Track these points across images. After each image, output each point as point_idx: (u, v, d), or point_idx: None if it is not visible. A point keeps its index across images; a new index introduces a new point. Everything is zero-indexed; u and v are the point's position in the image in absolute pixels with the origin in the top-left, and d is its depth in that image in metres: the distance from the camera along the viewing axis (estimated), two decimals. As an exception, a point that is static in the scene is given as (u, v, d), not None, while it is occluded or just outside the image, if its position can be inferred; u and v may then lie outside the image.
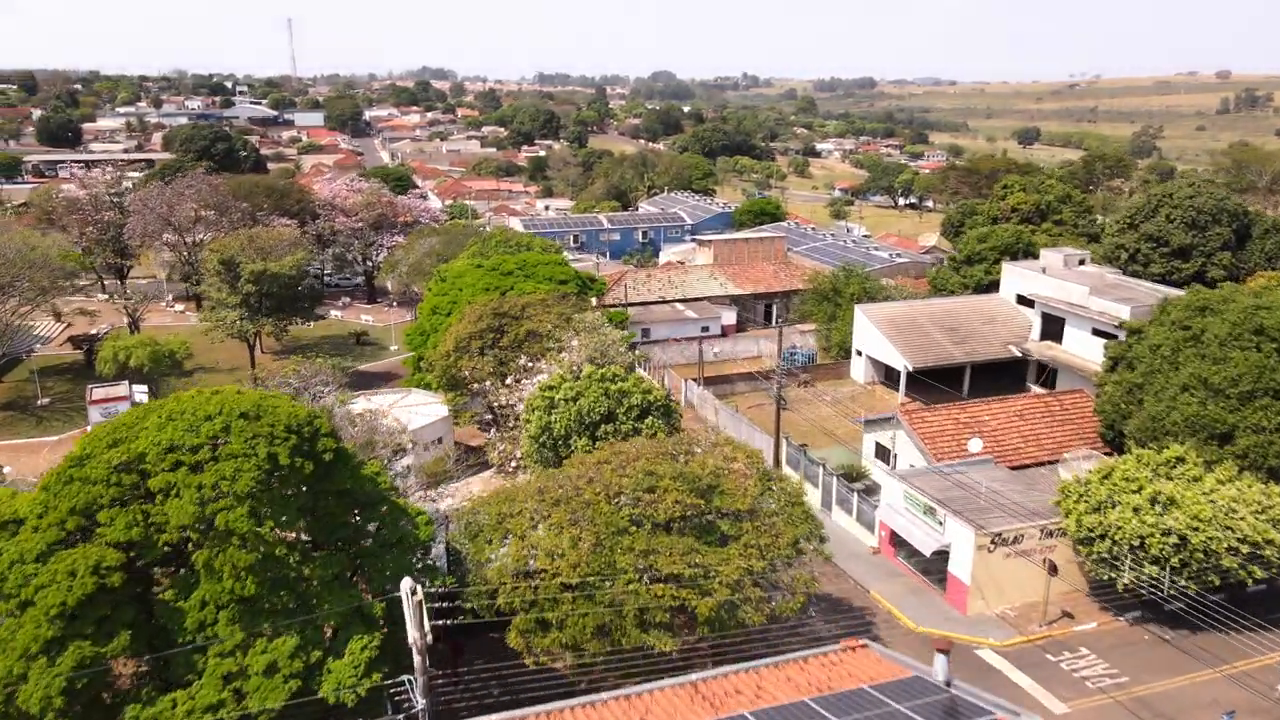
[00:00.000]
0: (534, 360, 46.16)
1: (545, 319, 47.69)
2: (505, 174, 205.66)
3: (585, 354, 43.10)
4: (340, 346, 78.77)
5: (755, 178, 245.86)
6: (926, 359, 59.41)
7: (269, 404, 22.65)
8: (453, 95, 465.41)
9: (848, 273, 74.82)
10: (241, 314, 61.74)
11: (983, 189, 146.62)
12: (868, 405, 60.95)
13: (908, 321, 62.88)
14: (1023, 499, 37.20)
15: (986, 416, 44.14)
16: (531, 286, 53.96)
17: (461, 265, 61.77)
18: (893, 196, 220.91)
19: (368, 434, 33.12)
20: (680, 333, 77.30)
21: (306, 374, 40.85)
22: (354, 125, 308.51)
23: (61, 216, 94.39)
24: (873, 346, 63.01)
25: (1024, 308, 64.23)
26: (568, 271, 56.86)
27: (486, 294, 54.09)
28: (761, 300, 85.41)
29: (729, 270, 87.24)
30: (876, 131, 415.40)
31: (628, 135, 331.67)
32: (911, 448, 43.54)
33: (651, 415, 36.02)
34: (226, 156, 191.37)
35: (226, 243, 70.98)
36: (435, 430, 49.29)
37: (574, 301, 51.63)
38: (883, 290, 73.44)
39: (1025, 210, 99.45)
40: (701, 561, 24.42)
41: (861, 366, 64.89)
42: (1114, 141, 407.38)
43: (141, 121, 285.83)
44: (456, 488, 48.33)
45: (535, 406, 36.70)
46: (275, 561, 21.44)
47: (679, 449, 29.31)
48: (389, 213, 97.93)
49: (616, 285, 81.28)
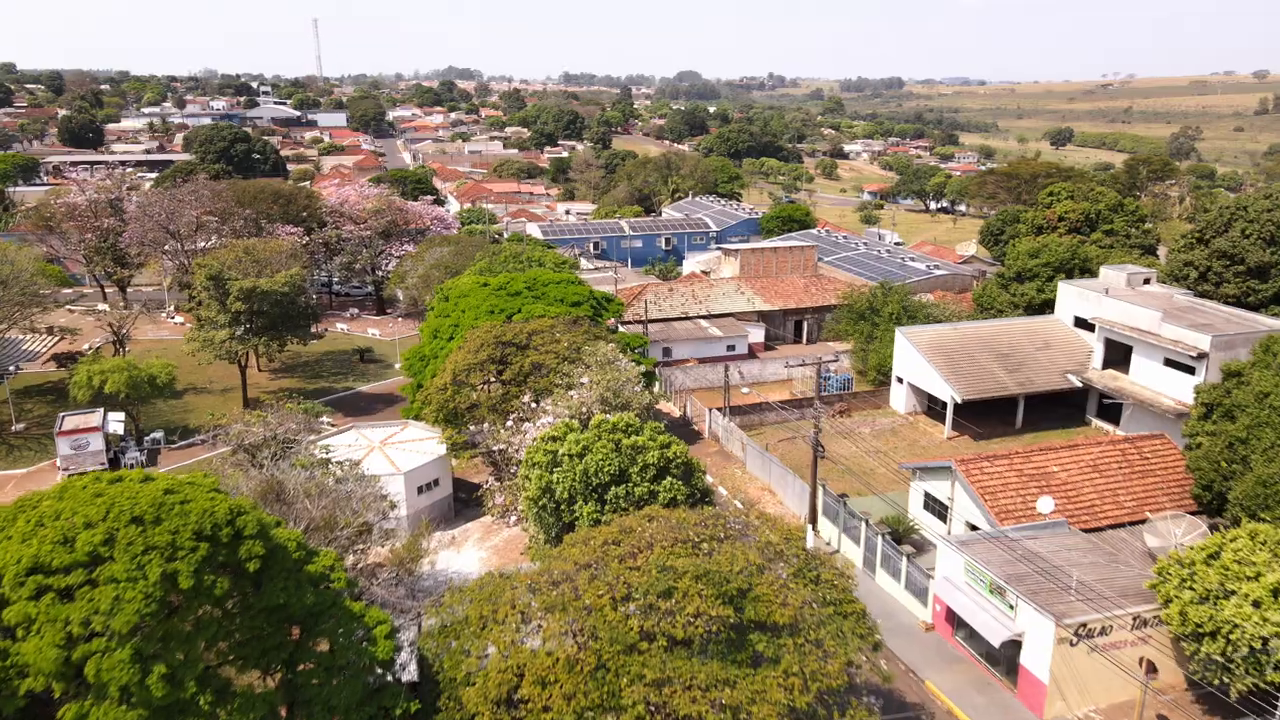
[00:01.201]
0: (539, 398, 41.09)
1: (553, 349, 42.60)
2: (527, 176, 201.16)
3: (597, 393, 37.99)
4: (342, 364, 74.18)
5: (782, 180, 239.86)
6: (977, 389, 53.74)
7: (175, 501, 17.63)
8: (477, 95, 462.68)
9: (886, 289, 69.14)
10: (231, 333, 57.17)
11: (1022, 194, 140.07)
12: (910, 439, 55.39)
13: (955, 346, 57.21)
14: (1107, 574, 31.62)
15: (1055, 468, 38.52)
16: (541, 309, 48.92)
17: (467, 282, 56.84)
18: (924, 200, 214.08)
19: (331, 506, 27.92)
20: (704, 352, 72.02)
21: (274, 423, 35.85)
22: (377, 126, 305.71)
23: (60, 223, 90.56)
24: (916, 374, 57.40)
25: (1083, 332, 58.40)
26: (581, 292, 51.76)
27: (491, 317, 49.11)
28: (791, 316, 79.89)
29: (757, 284, 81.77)
30: (906, 133, 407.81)
31: (652, 136, 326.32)
32: (969, 503, 38.03)
33: (670, 476, 30.77)
34: (245, 157, 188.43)
35: (219, 255, 66.57)
36: (430, 471, 44.35)
37: (586, 328, 46.48)
38: (924, 309, 67.73)
39: (1073, 219, 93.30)
40: (729, 700, 19.16)
41: (902, 395, 59.28)
42: (1149, 142, 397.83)
43: (164, 122, 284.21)
44: (452, 535, 43.41)
45: (535, 462, 31.58)
46: (175, 710, 16.43)
47: (702, 533, 24.04)
48: (399, 220, 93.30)
49: (636, 300, 76.10)
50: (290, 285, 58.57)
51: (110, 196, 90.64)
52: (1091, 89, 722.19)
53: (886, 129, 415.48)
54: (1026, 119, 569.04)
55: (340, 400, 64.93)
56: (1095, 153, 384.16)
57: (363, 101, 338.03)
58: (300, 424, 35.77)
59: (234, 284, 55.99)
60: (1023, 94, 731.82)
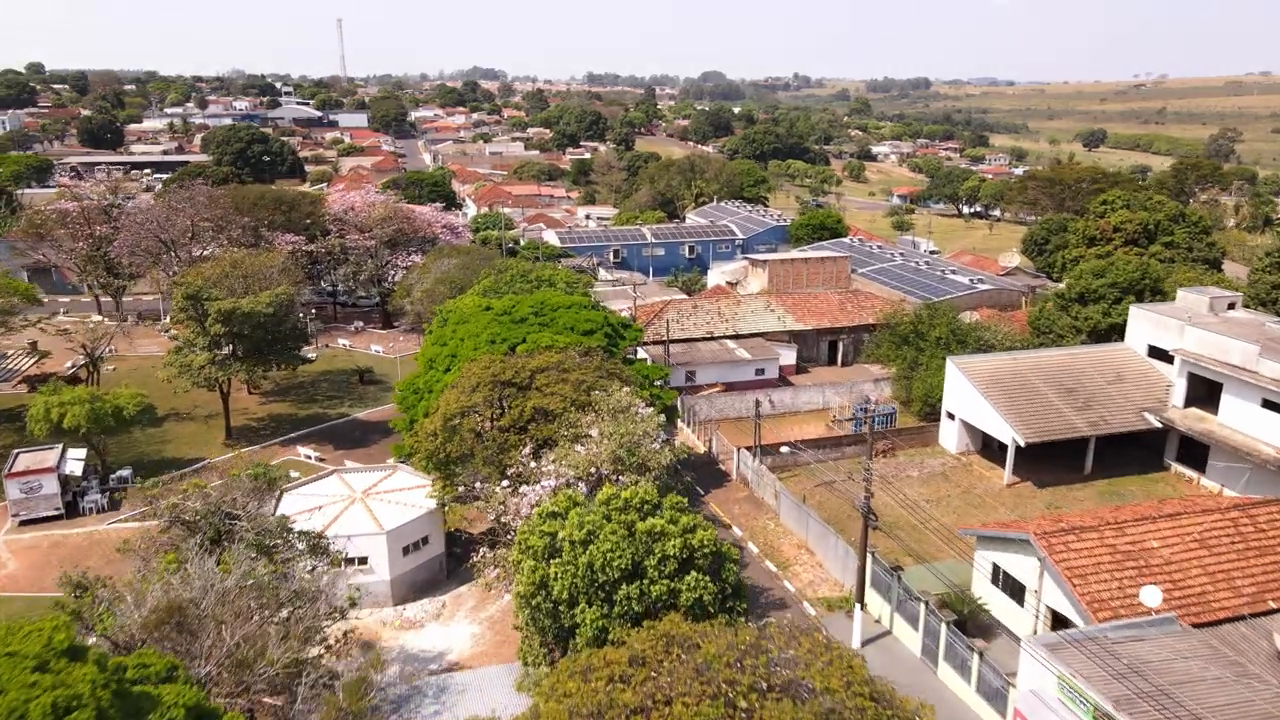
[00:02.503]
0: (541, 450, 35.29)
1: (559, 391, 36.79)
2: (547, 178, 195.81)
3: (608, 449, 32.14)
4: (340, 386, 68.73)
5: (808, 183, 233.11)
6: (1042, 431, 47.39)
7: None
8: (501, 96, 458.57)
9: (932, 311, 62.77)
10: (210, 358, 51.84)
11: (1066, 201, 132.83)
12: (963, 485, 49.09)
13: (1014, 380, 50.85)
14: (1239, 695, 25.39)
15: (1154, 543, 32.23)
16: (548, 338, 43.12)
17: (469, 304, 51.20)
18: (956, 204, 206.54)
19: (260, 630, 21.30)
20: (731, 376, 66.02)
21: (217, 494, 30.03)
22: (398, 126, 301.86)
23: (51, 230, 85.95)
24: (970, 410, 51.11)
25: (1159, 363, 51.88)
26: (594, 319, 45.89)
27: (492, 347, 43.39)
28: (825, 337, 73.67)
29: (788, 300, 75.57)
30: (934, 134, 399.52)
31: (676, 137, 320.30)
32: (1053, 586, 31.85)
33: (695, 569, 24.86)
34: (262, 158, 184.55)
35: (203, 270, 61.34)
36: (418, 528, 38.64)
37: (599, 362, 40.64)
38: (974, 333, 61.28)
39: (1130, 231, 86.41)
40: None
41: (954, 432, 52.98)
42: (1185, 144, 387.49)
43: (185, 123, 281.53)
44: (442, 602, 37.70)
45: (530, 546, 25.77)
46: None
47: (739, 682, 18.08)
48: (407, 228, 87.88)
49: (657, 318, 70.24)
50: (276, 305, 53.10)
51: (104, 203, 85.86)
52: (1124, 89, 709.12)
53: (915, 130, 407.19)
54: (1057, 120, 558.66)
55: (333, 429, 59.45)
56: (1129, 154, 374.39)
57: (384, 102, 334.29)
58: (253, 493, 30.08)
59: (212, 304, 50.58)
60: (1052, 94, 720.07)
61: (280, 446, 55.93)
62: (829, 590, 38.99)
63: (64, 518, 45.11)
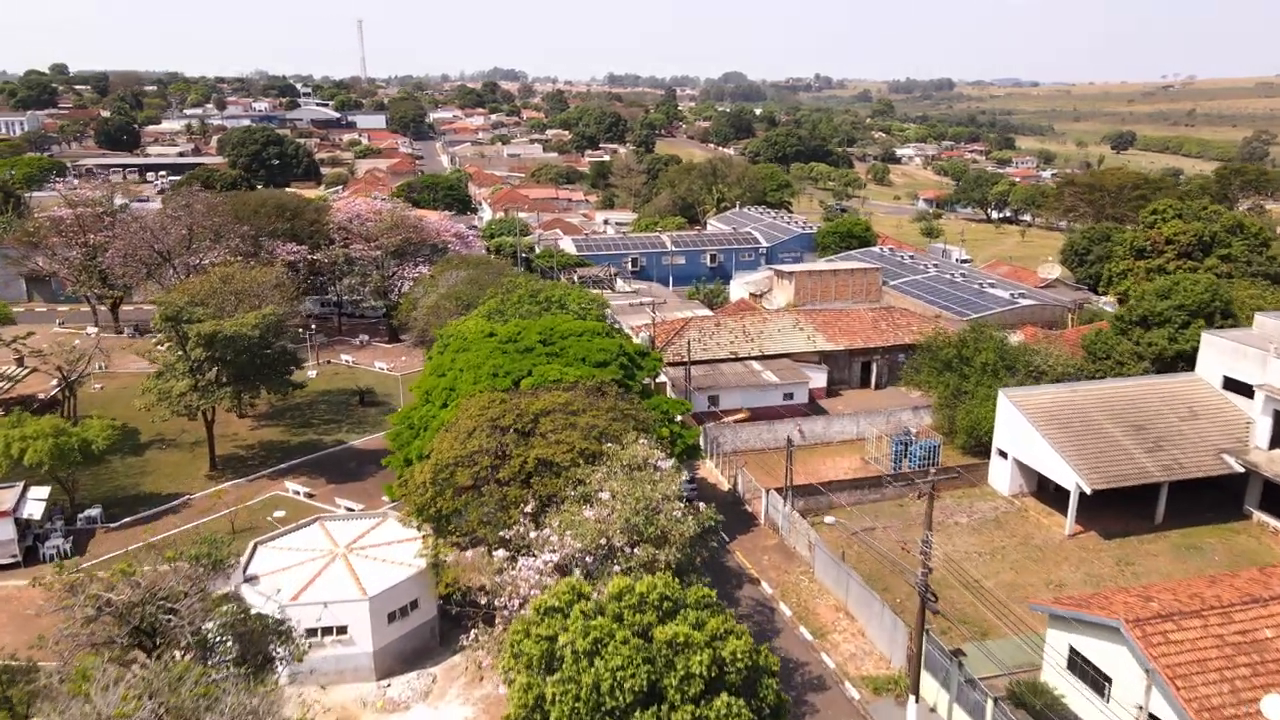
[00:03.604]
0: (545, 508, 30.64)
1: (567, 440, 32.12)
2: (565, 181, 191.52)
3: (621, 517, 27.44)
4: (338, 408, 64.35)
5: (832, 186, 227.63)
6: (1110, 476, 42.28)
7: None
8: (521, 96, 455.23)
9: (977, 333, 57.62)
10: (191, 384, 47.56)
11: (1106, 208, 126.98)
12: (1020, 534, 44.01)
13: (1075, 415, 45.74)
14: None
15: (1268, 632, 27.20)
16: (557, 371, 38.47)
17: (471, 328, 46.67)
18: (985, 209, 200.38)
19: None
20: (757, 401, 61.16)
21: (149, 579, 25.33)
22: (416, 128, 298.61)
23: (44, 237, 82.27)
24: (1025, 448, 46.04)
25: (1235, 396, 46.66)
26: (608, 347, 41.19)
27: (494, 381, 38.80)
28: (858, 357, 68.66)
29: (818, 318, 70.59)
30: (960, 136, 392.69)
31: (697, 139, 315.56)
32: (1149, 684, 26.84)
33: (726, 690, 20.10)
34: (277, 160, 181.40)
35: (190, 286, 57.14)
36: (406, 592, 34.06)
37: (613, 401, 35.93)
38: (1024, 357, 56.03)
39: (1183, 243, 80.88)
40: None
41: (1006, 472, 47.90)
42: (1216, 147, 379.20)
43: (203, 124, 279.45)
44: (433, 677, 33.06)
45: (522, 652, 21.09)
46: None
47: None
48: (414, 237, 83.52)
49: (678, 336, 65.54)
50: (263, 327, 48.73)
51: (98, 209, 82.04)
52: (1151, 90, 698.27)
53: (939, 132, 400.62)
54: (1084, 122, 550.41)
55: (327, 460, 54.99)
56: (1159, 157, 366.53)
57: (403, 103, 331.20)
58: (192, 579, 25.37)
59: (192, 328, 46.27)
60: (1078, 95, 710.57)
61: (268, 479, 51.53)
62: (874, 666, 34.11)
63: (21, 565, 40.87)
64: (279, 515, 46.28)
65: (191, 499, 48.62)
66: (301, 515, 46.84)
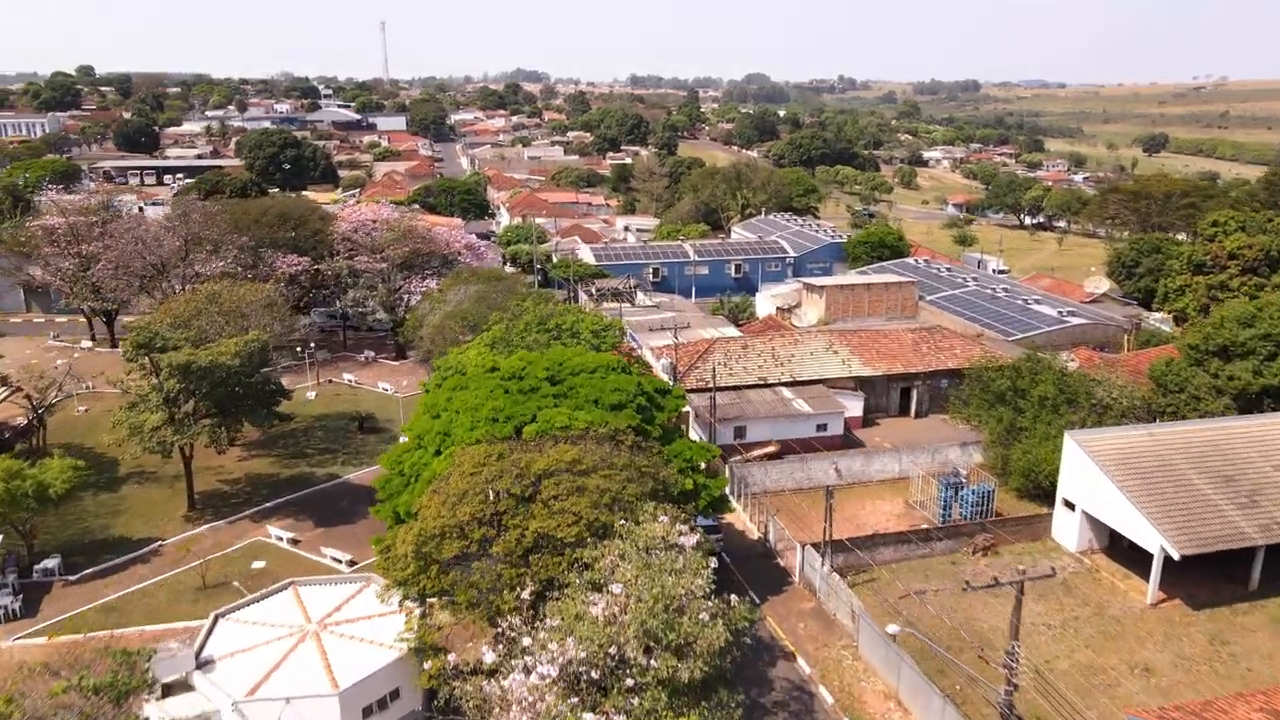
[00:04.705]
0: (546, 594, 25.71)
1: (572, 508, 27.19)
2: (586, 184, 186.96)
3: (636, 616, 22.44)
4: (336, 435, 59.73)
5: (858, 190, 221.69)
6: (1200, 539, 36.82)
7: None
8: (543, 98, 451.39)
9: (1035, 362, 52.09)
10: (166, 417, 43.07)
11: (1153, 216, 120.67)
12: (1093, 603, 38.58)
13: (1154, 463, 40.29)
14: None
15: None
16: (564, 417, 33.54)
17: (473, 359, 41.94)
18: (1017, 215, 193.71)
19: None
20: (788, 432, 55.97)
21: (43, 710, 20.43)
22: (437, 129, 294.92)
23: (36, 247, 78.41)
24: (1097, 501, 40.64)
25: (1337, 442, 41.05)
26: (624, 386, 36.17)
27: (493, 427, 33.90)
28: (897, 383, 63.32)
29: (853, 339, 65.28)
30: (988, 138, 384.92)
31: (720, 141, 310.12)
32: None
33: None
34: (294, 163, 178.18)
35: (173, 306, 52.67)
36: (385, 680, 29.21)
37: (628, 457, 30.93)
38: (1084, 388, 50.36)
39: (1249, 258, 75.01)
40: None
41: (1074, 527, 42.48)
42: (1252, 150, 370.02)
43: (223, 126, 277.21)
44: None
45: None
46: None
47: None
48: (423, 248, 78.93)
49: (702, 360, 60.50)
50: (244, 355, 44.12)
51: (90, 219, 77.97)
52: (1183, 92, 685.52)
53: (967, 134, 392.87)
54: (1114, 123, 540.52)
55: (318, 497, 50.26)
56: (1193, 160, 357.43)
57: (424, 105, 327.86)
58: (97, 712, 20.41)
59: (164, 357, 41.73)
60: (1107, 97, 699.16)
61: (251, 521, 46.90)
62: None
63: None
64: (257, 567, 41.69)
65: (165, 545, 44.05)
66: (283, 565, 42.44)
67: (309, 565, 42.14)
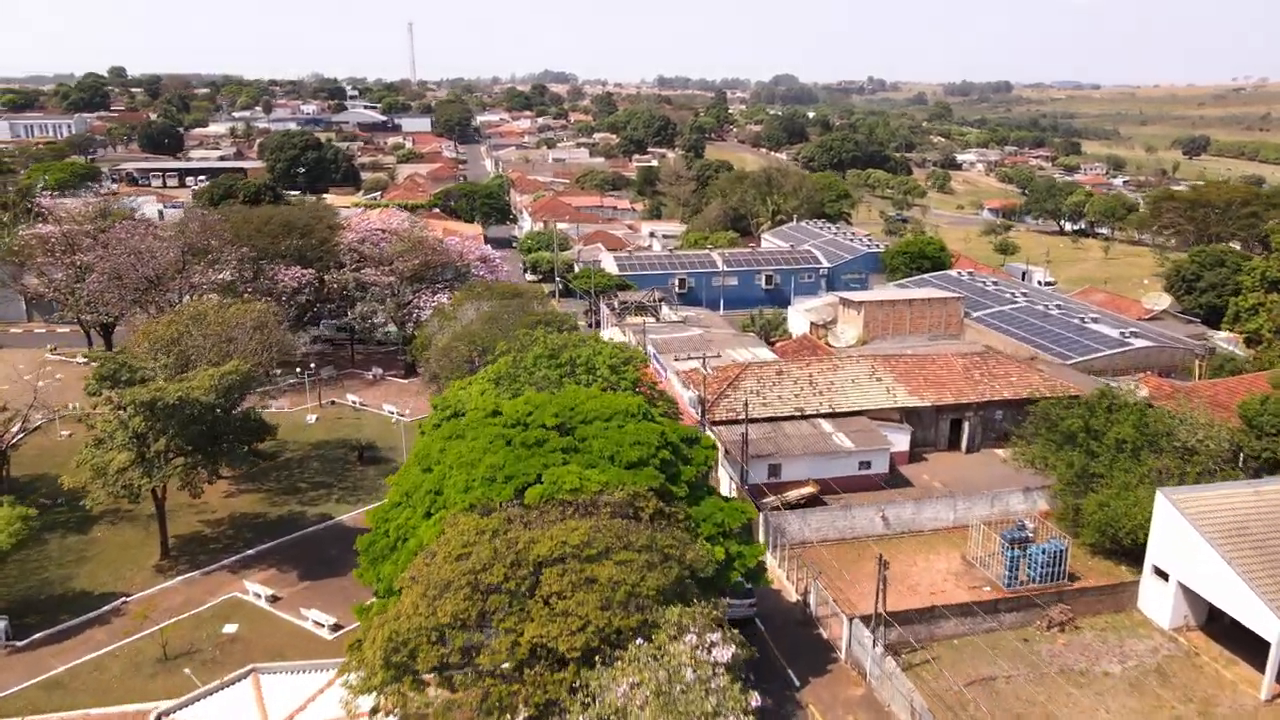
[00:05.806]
0: (550, 715, 20.53)
1: (578, 610, 21.97)
2: (611, 187, 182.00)
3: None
4: (334, 466, 54.90)
5: (891, 194, 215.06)
6: (1327, 625, 30.98)
7: None
8: (570, 99, 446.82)
9: (1110, 399, 46.21)
10: (134, 458, 38.45)
11: (1210, 226, 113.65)
12: (1196, 692, 32.77)
13: (1267, 529, 34.44)
14: None
15: None
16: (575, 476, 28.36)
17: (475, 396, 36.89)
18: (1058, 220, 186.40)
19: None
20: (827, 471, 50.47)
21: None
22: (462, 131, 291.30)
23: (31, 256, 74.50)
24: (1195, 571, 34.83)
25: None
26: (645, 438, 30.92)
27: (490, 488, 28.78)
28: (947, 414, 57.58)
29: (898, 366, 59.58)
30: (1023, 140, 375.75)
31: (748, 143, 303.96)
32: None
33: None
34: (316, 165, 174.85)
35: (154, 329, 48.00)
36: (352, 808, 24.16)
37: (648, 536, 25.65)
38: (1166, 429, 44.48)
39: (1333, 275, 68.39)
40: None
41: (1167, 600, 36.63)
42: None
43: (248, 127, 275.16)
44: None
45: None
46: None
47: None
48: (434, 260, 74.15)
49: (732, 388, 55.13)
50: (220, 390, 39.32)
51: (85, 227, 73.88)
52: (1222, 93, 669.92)
53: (1001, 136, 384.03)
54: (1151, 125, 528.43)
55: (306, 542, 45.33)
56: (1235, 163, 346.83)
57: (449, 106, 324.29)
58: None
59: (129, 393, 37.00)
60: (1143, 98, 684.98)
61: (229, 572, 42.01)
62: None
63: None
64: (228, 631, 36.81)
65: (129, 601, 39.27)
66: (258, 629, 37.53)
67: (287, 630, 37.20)
